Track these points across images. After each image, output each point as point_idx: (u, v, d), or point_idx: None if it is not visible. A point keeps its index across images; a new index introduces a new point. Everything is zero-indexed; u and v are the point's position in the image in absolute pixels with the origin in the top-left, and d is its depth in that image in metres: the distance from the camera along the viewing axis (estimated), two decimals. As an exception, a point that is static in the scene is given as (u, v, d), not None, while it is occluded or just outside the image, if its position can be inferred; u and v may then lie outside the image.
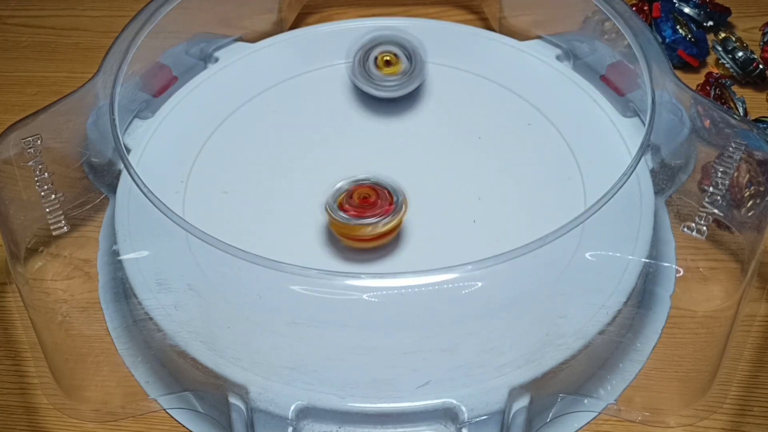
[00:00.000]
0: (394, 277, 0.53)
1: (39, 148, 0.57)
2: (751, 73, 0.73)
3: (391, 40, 0.66)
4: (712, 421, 0.55)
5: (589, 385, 0.56)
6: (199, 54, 0.71)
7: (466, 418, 0.51)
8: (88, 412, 0.56)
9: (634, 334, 0.57)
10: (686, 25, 0.75)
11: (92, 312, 0.56)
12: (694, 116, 0.58)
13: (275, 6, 0.76)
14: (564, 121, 0.64)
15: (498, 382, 0.52)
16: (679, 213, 0.55)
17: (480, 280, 0.49)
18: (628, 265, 0.54)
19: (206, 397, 0.55)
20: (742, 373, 0.57)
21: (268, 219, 0.59)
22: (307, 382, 0.52)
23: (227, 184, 0.61)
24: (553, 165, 0.62)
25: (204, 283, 0.53)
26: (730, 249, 0.55)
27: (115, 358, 0.57)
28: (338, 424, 0.52)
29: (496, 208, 0.59)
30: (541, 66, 0.69)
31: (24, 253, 0.53)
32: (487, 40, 0.71)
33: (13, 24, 0.83)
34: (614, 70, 0.68)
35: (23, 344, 0.60)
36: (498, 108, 0.66)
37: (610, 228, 0.54)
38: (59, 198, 0.55)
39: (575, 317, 0.53)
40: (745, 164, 0.56)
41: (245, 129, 0.65)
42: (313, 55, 0.70)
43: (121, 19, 0.66)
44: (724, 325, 0.54)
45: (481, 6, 0.80)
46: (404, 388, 0.52)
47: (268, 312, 0.52)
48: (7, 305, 0.62)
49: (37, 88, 0.77)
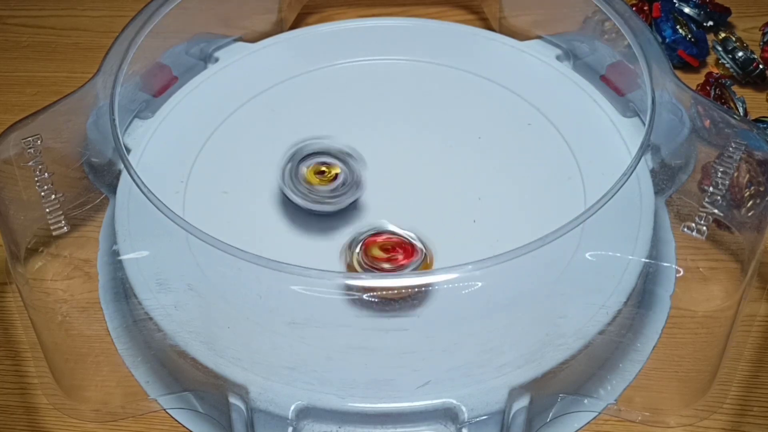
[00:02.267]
0: (394, 277, 0.53)
1: (39, 148, 0.57)
2: (751, 73, 0.73)
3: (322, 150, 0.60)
4: (712, 421, 0.55)
5: (589, 385, 0.56)
6: (199, 54, 0.71)
7: (466, 418, 0.51)
8: (88, 412, 0.56)
9: (634, 334, 0.57)
10: (686, 25, 0.75)
11: (92, 312, 0.56)
12: (694, 116, 0.58)
13: (275, 6, 0.76)
14: (564, 121, 0.64)
15: (498, 382, 0.52)
16: (679, 213, 0.55)
17: (480, 280, 0.49)
18: (628, 265, 0.54)
19: (206, 397, 0.55)
20: (742, 373, 0.57)
21: (268, 219, 0.59)
22: (307, 382, 0.52)
23: (227, 184, 0.61)
24: (553, 165, 0.62)
25: (204, 283, 0.53)
26: (730, 249, 0.55)
27: (115, 358, 0.57)
28: (338, 424, 0.52)
29: (496, 208, 0.59)
30: (541, 66, 0.69)
31: (24, 253, 0.53)
32: (487, 40, 0.71)
33: (13, 24, 0.83)
34: (614, 70, 0.68)
35: (23, 344, 0.60)
36: (498, 108, 0.66)
37: (610, 228, 0.54)
38: (59, 198, 0.55)
39: (575, 317, 0.53)
40: (745, 164, 0.56)
41: (245, 129, 0.65)
42: (313, 55, 0.70)
43: (121, 19, 0.66)
44: (724, 325, 0.54)
45: (481, 6, 0.80)
46: (404, 388, 0.52)
47: (268, 312, 0.52)
48: (7, 305, 0.62)
49: (37, 88, 0.77)
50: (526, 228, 0.55)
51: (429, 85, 0.68)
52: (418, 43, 0.71)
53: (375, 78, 0.68)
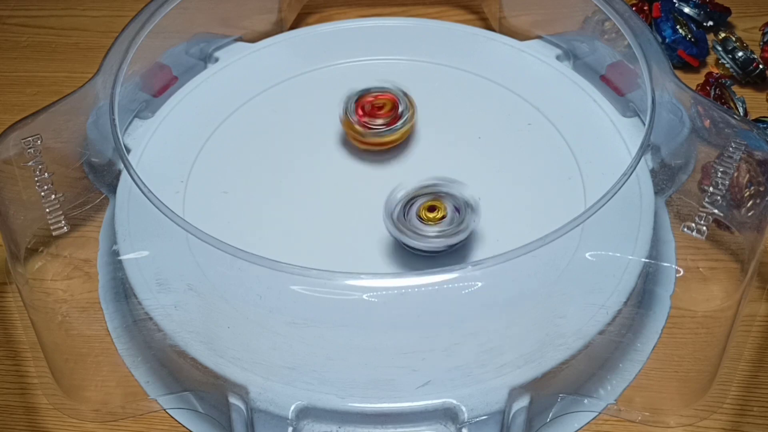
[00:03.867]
0: (394, 277, 0.53)
1: (39, 148, 0.57)
2: (751, 73, 0.73)
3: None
4: (712, 421, 0.55)
5: (589, 385, 0.56)
6: (199, 54, 0.71)
7: (466, 418, 0.51)
8: (88, 412, 0.56)
9: (634, 334, 0.57)
10: (686, 25, 0.75)
11: (92, 312, 0.56)
12: (694, 116, 0.58)
13: (275, 6, 0.76)
14: (564, 121, 0.64)
15: (498, 382, 0.52)
16: (679, 213, 0.55)
17: (480, 280, 0.49)
18: (627, 265, 0.54)
19: (206, 397, 0.55)
20: (742, 373, 0.57)
21: (268, 219, 0.59)
22: (307, 382, 0.52)
23: (227, 184, 0.61)
24: (553, 165, 0.62)
25: (204, 283, 0.53)
26: (730, 249, 0.55)
27: (115, 358, 0.57)
28: (338, 424, 0.52)
29: (496, 208, 0.59)
30: (541, 66, 0.69)
31: (24, 253, 0.53)
32: (487, 40, 0.71)
33: (13, 24, 0.83)
34: (614, 70, 0.68)
35: (23, 344, 0.60)
36: (498, 108, 0.66)
37: (610, 228, 0.54)
38: (59, 198, 0.55)
39: (575, 317, 0.53)
40: (745, 164, 0.56)
41: (245, 129, 0.65)
42: (313, 55, 0.70)
43: (121, 19, 0.66)
44: (724, 325, 0.54)
45: (481, 6, 0.80)
46: (404, 388, 0.52)
47: (268, 312, 0.52)
48: (7, 305, 0.62)
49: (37, 88, 0.77)
50: (526, 228, 0.55)
51: (429, 85, 0.68)
52: (418, 43, 0.71)
53: (375, 78, 0.68)
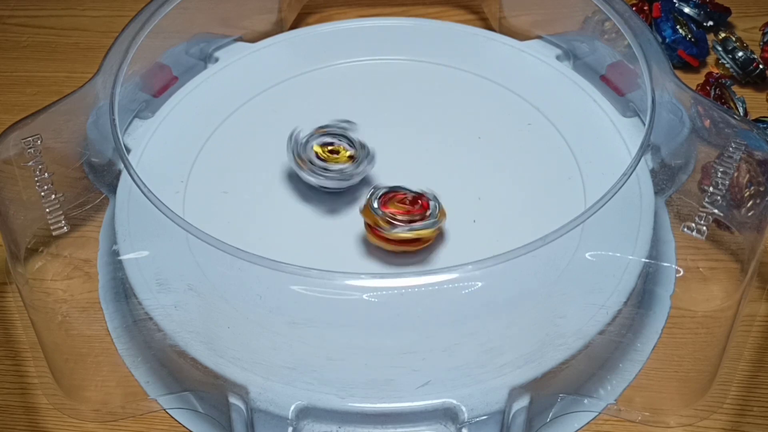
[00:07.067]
0: (394, 277, 0.53)
1: (39, 148, 0.57)
2: (751, 73, 0.73)
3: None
4: (712, 421, 0.55)
5: (589, 385, 0.56)
6: (199, 54, 0.71)
7: (466, 418, 0.51)
8: (88, 412, 0.56)
9: (634, 334, 0.57)
10: (686, 25, 0.75)
11: (92, 312, 0.56)
12: (694, 116, 0.58)
13: (275, 6, 0.76)
14: (564, 121, 0.64)
15: (498, 382, 0.52)
16: (679, 213, 0.55)
17: (480, 280, 0.49)
18: (627, 265, 0.54)
19: (206, 397, 0.55)
20: (742, 373, 0.57)
21: (268, 219, 0.59)
22: (307, 382, 0.52)
23: (227, 184, 0.61)
24: (553, 165, 0.62)
25: (204, 283, 0.53)
26: (730, 249, 0.55)
27: (115, 358, 0.57)
28: (338, 424, 0.52)
29: (496, 208, 0.59)
30: (541, 66, 0.69)
31: (24, 253, 0.53)
32: (487, 40, 0.71)
33: (13, 24, 0.83)
34: (614, 70, 0.68)
35: (23, 344, 0.60)
36: (498, 108, 0.66)
37: (610, 228, 0.54)
38: (59, 198, 0.55)
39: (575, 317, 0.53)
40: (745, 164, 0.56)
41: (245, 129, 0.65)
42: (313, 55, 0.70)
43: (121, 19, 0.66)
44: (724, 325, 0.54)
45: (481, 6, 0.80)
46: (404, 388, 0.52)
47: (268, 312, 0.52)
48: (7, 305, 0.62)
49: (37, 88, 0.77)
50: (526, 228, 0.55)
51: (429, 85, 0.68)
52: (418, 43, 0.71)
53: (375, 78, 0.68)
